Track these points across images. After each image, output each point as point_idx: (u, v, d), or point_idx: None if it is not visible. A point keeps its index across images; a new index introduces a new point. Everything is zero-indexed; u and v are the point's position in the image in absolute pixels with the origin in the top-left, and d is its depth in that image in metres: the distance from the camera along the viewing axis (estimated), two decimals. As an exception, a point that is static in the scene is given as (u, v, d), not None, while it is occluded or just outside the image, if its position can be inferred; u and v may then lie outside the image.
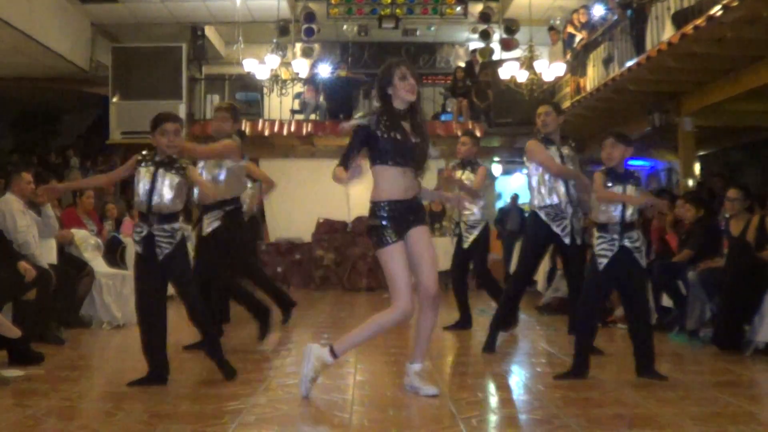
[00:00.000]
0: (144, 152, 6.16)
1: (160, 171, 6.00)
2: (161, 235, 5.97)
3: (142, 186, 6.01)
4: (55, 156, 20.26)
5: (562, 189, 7.78)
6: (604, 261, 6.32)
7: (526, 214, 19.54)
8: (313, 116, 19.36)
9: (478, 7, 19.69)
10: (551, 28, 19.07)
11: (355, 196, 18.19)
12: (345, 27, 20.82)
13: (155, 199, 5.97)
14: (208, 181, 7.57)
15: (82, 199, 11.54)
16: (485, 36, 20.18)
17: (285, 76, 19.21)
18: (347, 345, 5.73)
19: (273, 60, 18.11)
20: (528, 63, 17.66)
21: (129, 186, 19.76)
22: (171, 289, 6.31)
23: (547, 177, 7.80)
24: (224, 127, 8.06)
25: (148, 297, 6.11)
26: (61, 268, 8.95)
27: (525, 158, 8.13)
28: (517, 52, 19.75)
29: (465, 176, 9.72)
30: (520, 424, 5.03)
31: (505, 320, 8.33)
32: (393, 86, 5.75)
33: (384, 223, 5.64)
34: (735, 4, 9.11)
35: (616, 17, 14.36)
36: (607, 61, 14.61)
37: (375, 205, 5.70)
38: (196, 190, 7.07)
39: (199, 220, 7.95)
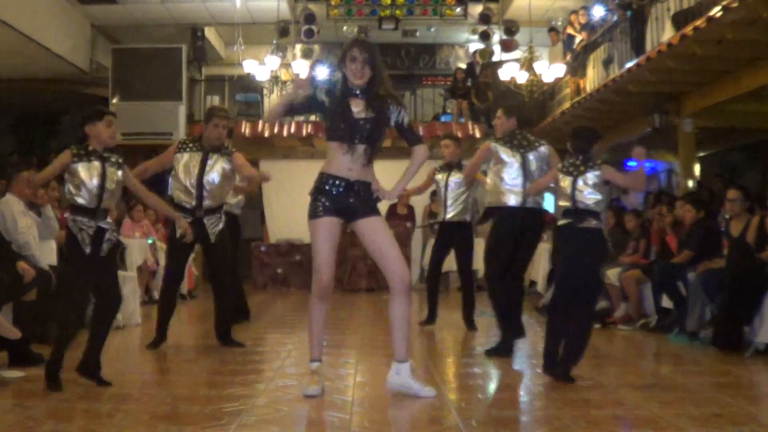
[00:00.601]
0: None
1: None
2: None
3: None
4: (55, 157, 20.28)
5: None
6: None
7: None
8: (313, 117, 19.34)
9: (477, 9, 19.66)
10: (551, 29, 19.08)
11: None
12: (345, 28, 20.81)
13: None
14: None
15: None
16: (485, 37, 20.15)
17: (285, 77, 19.22)
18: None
19: (273, 61, 18.12)
20: (528, 64, 17.69)
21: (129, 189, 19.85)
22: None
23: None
24: (224, 136, 8.15)
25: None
26: (61, 269, 8.94)
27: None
28: (517, 53, 19.76)
29: (454, 177, 9.93)
30: (520, 425, 5.03)
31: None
32: (344, 65, 5.72)
33: (317, 195, 5.71)
34: (735, 5, 9.13)
35: (615, 18, 14.37)
36: (607, 62, 14.62)
37: (318, 177, 5.76)
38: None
39: (194, 223, 7.87)
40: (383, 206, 6.82)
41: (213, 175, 8.02)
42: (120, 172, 6.17)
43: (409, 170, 5.91)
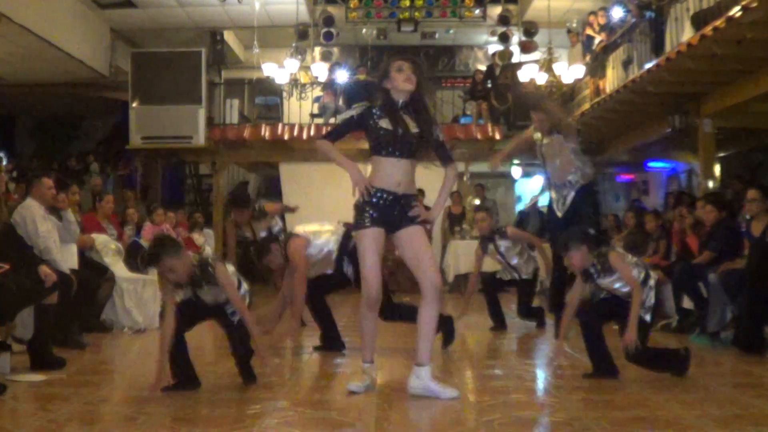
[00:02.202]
0: None
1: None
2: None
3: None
4: (76, 161, 20.38)
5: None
6: None
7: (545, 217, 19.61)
8: (332, 120, 19.37)
9: (496, 10, 19.66)
10: (570, 31, 19.06)
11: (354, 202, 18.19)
12: (364, 31, 20.86)
13: None
14: None
15: (102, 204, 11.59)
16: (504, 39, 20.15)
17: (304, 80, 19.26)
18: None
19: (292, 64, 18.16)
20: (547, 65, 17.68)
21: (150, 190, 19.95)
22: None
23: None
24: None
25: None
26: (82, 273, 8.98)
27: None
28: (536, 55, 19.75)
29: (499, 246, 10.24)
30: (541, 426, 5.02)
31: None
32: (390, 79, 5.88)
33: (364, 206, 5.82)
34: (754, 5, 9.09)
35: (635, 19, 14.35)
36: (627, 63, 14.60)
37: (366, 190, 5.81)
38: None
39: None
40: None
41: None
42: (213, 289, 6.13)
43: (442, 192, 6.07)
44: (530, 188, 23.78)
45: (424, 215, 5.87)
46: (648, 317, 6.45)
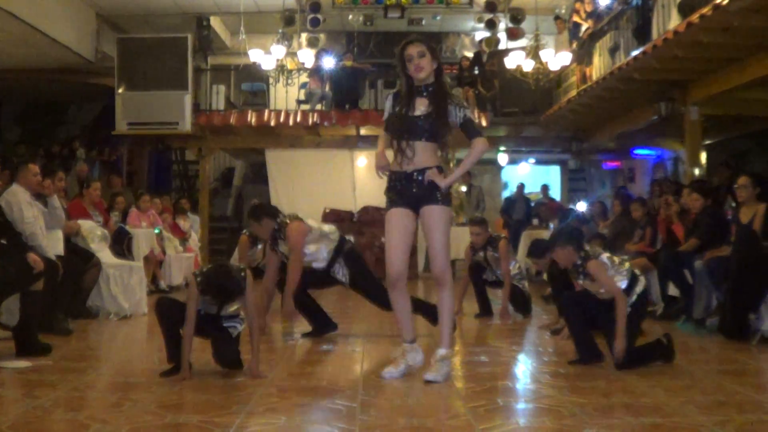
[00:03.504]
0: None
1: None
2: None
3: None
4: (61, 147, 20.29)
5: None
6: None
7: (533, 204, 19.65)
8: (319, 106, 19.34)
9: (483, -4, 19.66)
10: (557, 18, 19.06)
11: (360, 186, 18.19)
12: (350, 17, 20.81)
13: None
14: None
15: (90, 191, 11.57)
16: (491, 25, 20.14)
17: (291, 66, 19.21)
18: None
19: (278, 50, 18.10)
20: (534, 52, 17.65)
21: (136, 176, 19.91)
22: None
23: None
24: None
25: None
26: (67, 259, 8.96)
27: None
28: (523, 42, 19.74)
29: (489, 255, 10.21)
30: (527, 413, 5.04)
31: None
32: (405, 69, 6.09)
33: (387, 191, 6.12)
34: (741, -8, 9.11)
35: (621, 7, 14.36)
36: (613, 50, 14.60)
37: (381, 173, 6.16)
38: None
39: None
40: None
41: None
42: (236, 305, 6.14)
43: (466, 160, 6.25)
44: (516, 175, 23.80)
45: (434, 177, 5.93)
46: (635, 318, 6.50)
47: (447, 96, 6.08)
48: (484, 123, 18.51)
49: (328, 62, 19.38)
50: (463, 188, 18.99)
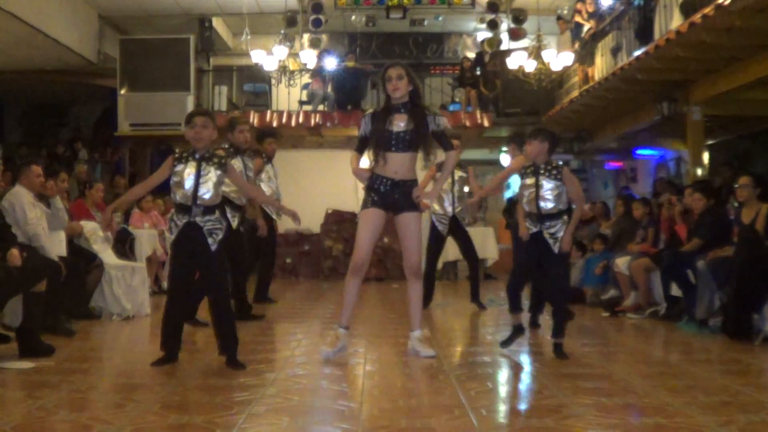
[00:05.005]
0: (178, 150, 6.35)
1: (204, 165, 6.22)
2: (210, 223, 6.25)
3: (188, 181, 6.16)
4: (64, 148, 20.30)
5: None
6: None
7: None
8: (321, 107, 19.35)
9: (485, -3, 19.66)
10: (559, 18, 19.06)
11: (363, 187, 18.19)
12: (353, 17, 20.80)
13: (202, 191, 6.18)
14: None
15: (93, 192, 11.58)
16: (493, 26, 20.15)
17: (293, 67, 19.22)
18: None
19: (281, 51, 18.10)
20: (536, 53, 17.65)
21: (138, 177, 19.90)
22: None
23: None
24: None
25: (180, 281, 6.43)
26: (70, 260, 8.97)
27: None
28: (525, 42, 19.73)
29: (458, 174, 10.82)
30: (530, 413, 5.03)
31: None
32: (386, 88, 6.85)
33: (369, 190, 6.88)
34: (743, -8, 9.11)
35: (623, 7, 14.36)
36: (616, 51, 14.60)
37: (369, 176, 6.90)
38: None
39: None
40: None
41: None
42: (219, 172, 6.26)
43: (442, 174, 7.17)
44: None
45: (420, 194, 6.81)
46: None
47: (423, 109, 6.83)
48: (486, 123, 18.52)
49: (331, 63, 19.40)
50: (466, 189, 18.97)
